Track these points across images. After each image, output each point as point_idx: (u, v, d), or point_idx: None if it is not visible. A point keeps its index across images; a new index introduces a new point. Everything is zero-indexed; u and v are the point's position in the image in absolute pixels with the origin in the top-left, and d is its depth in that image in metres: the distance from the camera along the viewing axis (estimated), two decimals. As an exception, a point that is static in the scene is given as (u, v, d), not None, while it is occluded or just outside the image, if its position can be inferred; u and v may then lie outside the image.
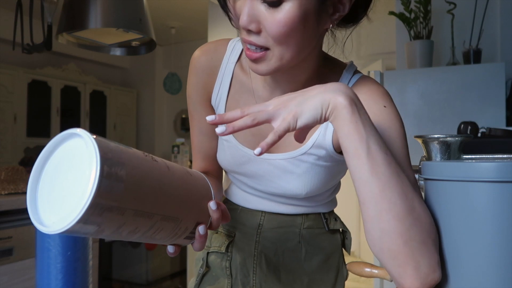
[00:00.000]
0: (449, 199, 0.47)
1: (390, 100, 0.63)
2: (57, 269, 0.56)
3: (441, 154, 0.65)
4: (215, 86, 0.73)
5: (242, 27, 0.55)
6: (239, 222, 0.83)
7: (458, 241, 0.46)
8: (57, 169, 0.42)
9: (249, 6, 0.54)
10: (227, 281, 0.82)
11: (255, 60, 0.58)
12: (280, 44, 0.55)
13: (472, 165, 0.45)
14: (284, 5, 0.52)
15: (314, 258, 0.82)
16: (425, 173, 0.51)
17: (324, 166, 0.70)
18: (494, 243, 0.44)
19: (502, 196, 0.43)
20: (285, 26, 0.53)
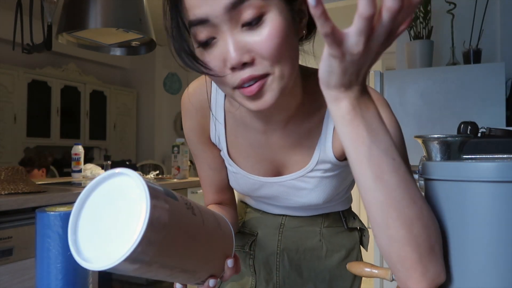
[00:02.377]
0: (449, 199, 0.47)
1: (384, 105, 0.62)
2: (57, 269, 0.56)
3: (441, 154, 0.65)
4: (210, 125, 0.72)
5: (234, 64, 0.50)
6: (261, 222, 0.87)
7: (458, 241, 0.46)
8: (100, 206, 0.41)
9: (233, 41, 0.49)
10: (251, 278, 0.86)
11: (258, 93, 0.52)
12: (278, 61, 0.51)
13: (472, 165, 0.45)
14: (264, 19, 0.49)
15: (334, 255, 0.85)
16: (425, 173, 0.51)
17: (333, 175, 0.71)
18: (494, 243, 0.44)
19: (502, 196, 0.43)
20: (276, 37, 0.49)
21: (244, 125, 0.69)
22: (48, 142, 4.93)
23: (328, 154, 0.67)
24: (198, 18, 0.50)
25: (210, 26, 0.50)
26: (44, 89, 4.89)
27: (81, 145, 2.59)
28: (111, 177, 0.41)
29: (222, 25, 0.49)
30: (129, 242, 0.36)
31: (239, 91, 0.53)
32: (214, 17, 0.49)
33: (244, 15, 0.49)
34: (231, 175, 0.77)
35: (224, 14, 0.48)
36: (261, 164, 0.72)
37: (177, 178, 2.64)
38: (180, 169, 2.69)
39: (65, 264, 0.56)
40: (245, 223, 0.90)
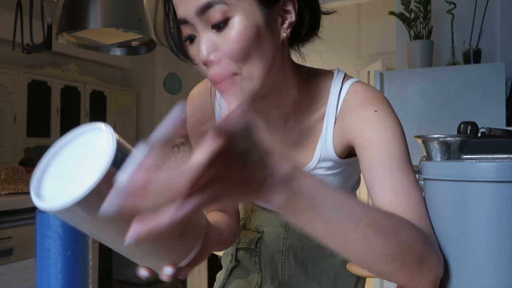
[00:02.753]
0: (450, 199, 0.47)
1: (382, 103, 0.62)
2: (57, 269, 0.56)
3: (441, 154, 0.65)
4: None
5: (204, 61, 0.55)
6: (267, 220, 0.88)
7: (458, 240, 0.46)
8: (70, 156, 0.43)
9: (203, 39, 0.54)
10: (257, 275, 0.87)
11: (226, 86, 0.56)
12: (243, 62, 0.54)
13: (472, 165, 0.45)
14: (230, 22, 0.53)
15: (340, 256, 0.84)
16: (425, 173, 0.51)
17: (337, 173, 0.71)
18: (495, 242, 0.44)
19: (502, 196, 0.43)
20: (238, 41, 0.53)
21: None
22: (48, 142, 4.93)
23: (329, 152, 0.67)
24: (180, 18, 0.56)
25: (189, 25, 0.55)
26: (44, 89, 4.89)
27: (81, 145, 2.58)
28: (89, 131, 0.43)
29: (197, 25, 0.55)
30: (85, 187, 0.35)
31: (215, 87, 0.58)
32: (189, 18, 0.54)
33: (212, 18, 0.53)
34: None
35: (196, 16, 0.54)
36: None
37: (177, 178, 2.64)
38: (180, 169, 2.69)
39: (65, 264, 0.56)
40: (251, 220, 0.91)
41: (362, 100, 0.63)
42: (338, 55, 4.43)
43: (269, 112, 0.68)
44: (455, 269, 0.47)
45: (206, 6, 0.52)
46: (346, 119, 0.63)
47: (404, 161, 0.56)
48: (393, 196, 0.53)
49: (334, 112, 0.65)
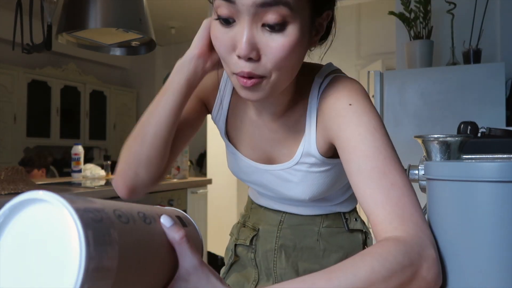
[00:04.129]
0: (452, 199, 0.47)
1: (358, 95, 0.61)
2: (57, 269, 0.55)
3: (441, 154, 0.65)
4: (215, 104, 0.75)
5: (242, 56, 0.52)
6: (263, 218, 0.89)
7: (461, 240, 0.47)
8: (21, 244, 0.32)
9: (248, 33, 0.51)
10: (254, 270, 0.89)
11: (251, 85, 0.55)
12: (280, 69, 0.54)
13: (475, 165, 0.45)
14: (288, 28, 0.51)
15: (332, 255, 0.85)
16: (428, 173, 0.51)
17: (320, 172, 0.71)
18: (495, 242, 0.44)
19: (505, 196, 0.43)
20: (288, 50, 0.52)
21: (244, 112, 0.72)
22: (48, 142, 4.93)
23: (312, 147, 0.67)
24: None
25: (234, 9, 0.51)
26: (44, 89, 4.89)
27: (81, 145, 2.59)
28: (31, 204, 0.32)
29: (245, 14, 0.51)
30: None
31: (236, 77, 0.55)
32: (241, 4, 0.50)
33: (268, 16, 0.50)
34: (229, 155, 0.80)
35: (252, 6, 0.50)
36: (255, 150, 0.74)
37: (177, 178, 2.64)
38: (180, 169, 2.69)
39: (65, 264, 0.55)
40: (250, 218, 0.93)
41: (337, 94, 0.62)
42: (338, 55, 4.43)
43: (263, 109, 0.68)
44: (458, 268, 0.47)
45: (269, 2, 0.49)
46: (325, 114, 0.63)
47: (381, 158, 0.54)
48: (373, 204, 0.52)
49: (315, 107, 0.66)
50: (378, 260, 0.44)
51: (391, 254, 0.44)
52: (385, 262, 0.44)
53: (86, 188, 2.01)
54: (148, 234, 0.39)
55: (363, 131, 0.56)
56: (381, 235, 0.50)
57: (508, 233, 0.43)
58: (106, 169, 2.74)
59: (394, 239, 0.47)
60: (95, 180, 2.50)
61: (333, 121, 0.61)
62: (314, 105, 0.66)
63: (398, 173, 0.53)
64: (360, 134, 0.56)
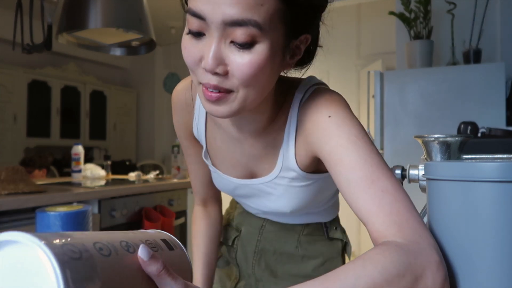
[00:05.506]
0: (453, 199, 0.47)
1: (337, 106, 0.60)
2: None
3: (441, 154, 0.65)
4: (193, 122, 0.76)
5: (208, 69, 0.51)
6: (246, 220, 0.90)
7: (462, 240, 0.47)
8: None
9: (215, 49, 0.50)
10: (235, 269, 0.92)
11: (216, 101, 0.53)
12: (247, 86, 0.52)
13: (474, 165, 0.45)
14: (256, 47, 0.50)
15: (310, 261, 0.86)
16: (429, 173, 0.51)
17: (301, 186, 0.70)
18: (495, 242, 0.44)
19: (506, 196, 0.43)
20: (256, 68, 0.51)
21: (222, 129, 0.71)
22: (48, 142, 4.93)
23: (291, 162, 0.66)
24: (197, 12, 0.50)
25: (204, 23, 0.51)
26: (44, 89, 4.89)
27: (81, 145, 2.59)
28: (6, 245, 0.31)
29: (214, 30, 0.50)
30: None
31: (202, 89, 0.54)
32: (210, 21, 0.49)
33: (237, 35, 0.49)
34: (212, 173, 0.81)
35: (221, 24, 0.49)
36: (235, 168, 0.74)
37: (177, 178, 2.64)
38: (180, 169, 2.69)
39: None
40: (234, 217, 0.94)
41: (316, 107, 0.61)
42: (338, 55, 4.43)
43: (243, 125, 0.67)
44: (459, 268, 0.47)
45: (238, 22, 0.48)
46: (305, 127, 0.63)
47: (366, 166, 0.53)
48: (367, 213, 0.51)
49: (295, 121, 0.65)
50: (378, 269, 0.43)
51: (392, 264, 0.44)
52: (384, 271, 0.43)
53: (86, 188, 2.01)
54: (132, 265, 0.38)
55: (345, 141, 0.56)
56: (380, 240, 0.49)
57: (508, 233, 0.43)
58: (106, 169, 2.74)
59: (395, 246, 0.46)
60: (95, 180, 2.50)
61: (313, 134, 0.60)
62: (293, 119, 0.65)
63: (386, 178, 0.52)
64: (342, 146, 0.56)
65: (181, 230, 2.49)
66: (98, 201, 1.93)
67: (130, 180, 2.55)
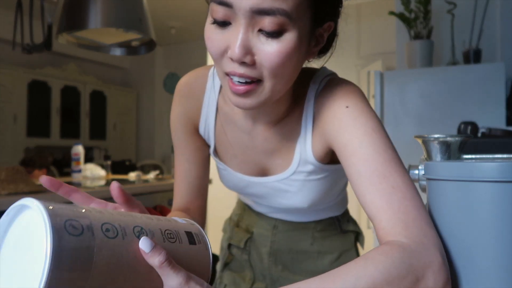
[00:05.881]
0: (453, 199, 0.47)
1: (355, 97, 0.59)
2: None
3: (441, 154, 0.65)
4: (201, 118, 0.72)
5: (235, 59, 0.50)
6: (257, 222, 0.89)
7: (462, 240, 0.47)
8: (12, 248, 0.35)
9: (243, 37, 0.49)
10: (249, 270, 0.90)
11: (243, 94, 0.53)
12: (275, 76, 0.52)
13: (474, 165, 0.45)
14: (285, 35, 0.50)
15: (326, 256, 0.86)
16: (429, 173, 0.51)
17: (318, 179, 0.69)
18: (496, 242, 0.44)
19: (506, 196, 0.43)
20: (285, 56, 0.50)
21: (233, 123, 0.69)
22: (48, 142, 4.93)
23: (308, 155, 0.65)
24: (224, 0, 0.49)
25: (230, 12, 0.50)
26: (44, 89, 4.89)
27: (81, 145, 2.59)
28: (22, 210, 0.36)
29: (241, 18, 0.49)
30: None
31: (228, 81, 0.53)
32: (238, 9, 0.49)
33: (265, 23, 0.49)
34: (219, 171, 0.78)
35: (249, 12, 0.48)
36: (247, 164, 0.72)
37: (177, 178, 2.64)
38: (180, 169, 2.69)
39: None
40: (243, 219, 0.92)
41: (334, 97, 0.60)
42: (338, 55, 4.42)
43: (258, 117, 0.66)
44: (459, 268, 0.47)
45: (266, 11, 0.48)
46: (322, 118, 0.62)
47: (380, 160, 0.53)
48: (375, 209, 0.51)
49: (311, 112, 0.64)
50: (379, 270, 0.43)
51: (393, 265, 0.43)
52: (385, 271, 0.43)
53: (86, 188, 2.01)
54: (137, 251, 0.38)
55: (361, 134, 0.55)
56: (385, 238, 0.49)
57: (508, 233, 0.43)
58: (106, 169, 2.74)
59: (398, 246, 0.46)
60: (95, 180, 2.50)
61: (330, 125, 0.59)
62: (310, 110, 0.64)
63: (399, 175, 0.52)
64: (358, 137, 0.55)
65: (181, 230, 2.49)
66: (98, 201, 1.93)
67: (130, 180, 2.55)
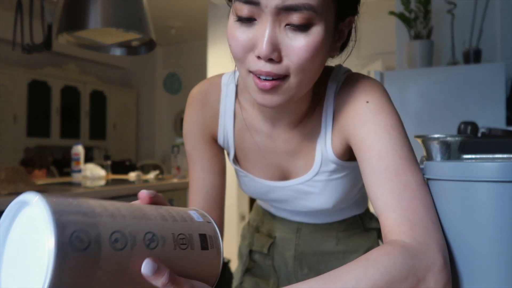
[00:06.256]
0: (454, 199, 0.47)
1: (376, 92, 0.59)
2: (57, 269, 0.55)
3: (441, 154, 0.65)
4: (218, 127, 0.71)
5: (263, 56, 0.49)
6: (279, 226, 0.87)
7: (462, 240, 0.47)
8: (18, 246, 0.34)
9: (270, 34, 0.49)
10: (273, 274, 0.87)
11: (269, 90, 0.52)
12: (302, 71, 0.51)
13: (474, 165, 0.45)
14: (312, 29, 0.50)
15: (352, 256, 0.84)
16: (430, 173, 0.51)
17: (341, 177, 0.69)
18: (495, 241, 0.44)
19: (506, 196, 0.43)
20: (312, 50, 0.50)
21: (253, 129, 0.68)
22: (48, 142, 4.93)
23: (329, 153, 0.65)
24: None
25: (256, 8, 0.49)
26: (44, 89, 4.89)
27: (81, 145, 2.59)
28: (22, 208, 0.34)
29: (268, 14, 0.49)
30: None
31: (253, 78, 0.53)
32: (265, 6, 0.48)
33: (292, 18, 0.49)
34: (240, 179, 0.77)
35: (274, 8, 0.48)
36: (268, 169, 0.71)
37: (177, 178, 2.64)
38: (180, 169, 2.69)
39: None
40: (264, 224, 0.90)
41: (354, 92, 0.60)
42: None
43: (278, 118, 0.65)
44: (459, 268, 0.47)
45: (293, 7, 0.48)
46: (341, 113, 0.61)
47: (396, 157, 0.52)
48: (383, 205, 0.51)
49: (331, 110, 0.63)
50: (380, 271, 0.43)
51: (395, 266, 0.43)
52: (385, 271, 0.43)
53: (86, 188, 2.01)
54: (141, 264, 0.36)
55: (379, 129, 0.55)
56: (389, 237, 0.49)
57: (508, 233, 0.43)
58: (106, 169, 2.74)
59: (400, 246, 0.45)
60: (95, 180, 2.50)
61: (349, 119, 0.59)
62: (330, 108, 0.63)
63: (412, 173, 0.51)
64: (376, 133, 0.55)
65: (181, 230, 2.49)
66: (98, 201, 1.93)
67: (130, 180, 2.55)
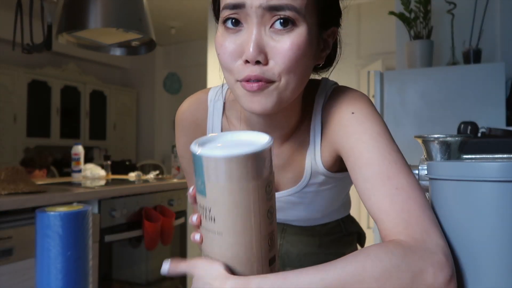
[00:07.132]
0: (455, 199, 0.47)
1: (360, 103, 0.60)
2: (57, 269, 0.56)
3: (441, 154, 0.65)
4: None
5: (250, 59, 0.51)
6: None
7: (464, 239, 0.47)
8: (232, 138, 0.49)
9: (256, 37, 0.51)
10: None
11: (257, 91, 0.53)
12: (288, 72, 0.53)
13: (474, 164, 0.45)
14: (296, 29, 0.52)
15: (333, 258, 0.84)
16: (431, 172, 0.51)
17: (329, 188, 0.70)
18: (497, 241, 0.44)
19: (504, 195, 0.43)
20: (297, 50, 0.52)
21: None
22: (48, 142, 4.93)
23: (318, 165, 0.66)
24: (236, 3, 0.52)
25: (242, 11, 0.52)
26: (44, 89, 4.89)
27: (81, 145, 2.58)
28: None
29: (253, 17, 0.51)
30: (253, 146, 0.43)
31: (241, 85, 0.54)
32: (250, 6, 0.51)
33: (276, 18, 0.51)
34: None
35: (259, 8, 0.51)
36: None
37: (177, 178, 2.64)
38: (180, 169, 2.69)
39: (65, 264, 0.56)
40: None
41: (339, 104, 0.61)
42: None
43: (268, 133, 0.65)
44: (461, 267, 0.47)
45: (276, 7, 0.50)
46: (329, 126, 0.63)
47: (385, 163, 0.53)
48: (378, 211, 0.51)
49: (319, 123, 0.65)
50: (372, 259, 0.43)
51: (387, 256, 0.43)
52: (378, 262, 0.43)
53: (86, 188, 2.01)
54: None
55: (367, 138, 0.56)
56: (387, 239, 0.49)
57: (509, 232, 0.43)
58: (106, 169, 2.74)
59: (395, 242, 0.46)
60: (95, 180, 2.50)
61: (337, 131, 0.60)
62: (318, 120, 0.65)
63: (403, 176, 0.52)
64: (364, 142, 0.56)
65: (181, 230, 2.49)
66: (98, 201, 1.93)
67: (130, 180, 2.55)
